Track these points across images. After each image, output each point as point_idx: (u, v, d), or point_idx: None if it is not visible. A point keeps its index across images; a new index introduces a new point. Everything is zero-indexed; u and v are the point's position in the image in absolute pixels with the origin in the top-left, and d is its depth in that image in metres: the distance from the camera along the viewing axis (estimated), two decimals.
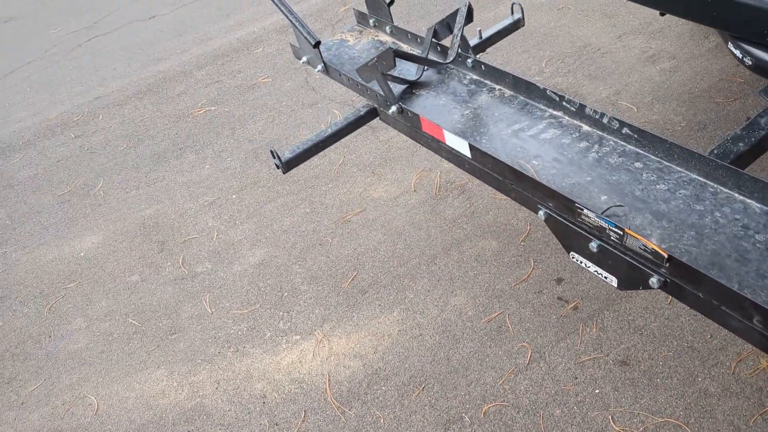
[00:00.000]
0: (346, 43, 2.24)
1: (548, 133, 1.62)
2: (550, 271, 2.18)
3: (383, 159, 2.88)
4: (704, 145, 2.45)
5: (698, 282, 1.15)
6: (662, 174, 1.42)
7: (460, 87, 1.87)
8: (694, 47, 2.98)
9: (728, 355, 1.80)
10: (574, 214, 1.34)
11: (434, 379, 1.96)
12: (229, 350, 2.24)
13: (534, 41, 3.34)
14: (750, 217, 1.27)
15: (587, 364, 1.88)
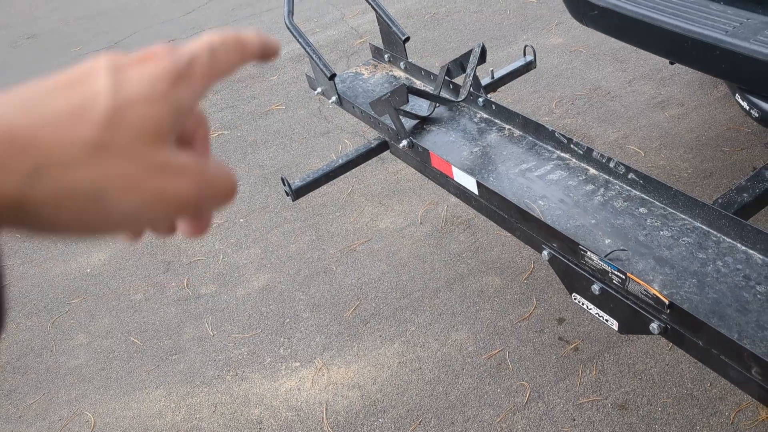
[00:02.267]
0: (361, 76, 2.28)
1: (555, 174, 1.65)
2: (552, 310, 2.18)
3: (391, 190, 2.91)
4: (710, 193, 2.47)
5: (698, 330, 1.17)
6: (666, 220, 1.44)
7: (471, 125, 1.90)
8: (702, 95, 3.02)
9: (728, 405, 1.79)
10: (578, 256, 1.36)
11: (432, 414, 1.96)
12: (228, 374, 2.24)
13: (545, 82, 3.39)
14: (752, 267, 1.29)
15: (585, 407, 1.88)
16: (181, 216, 0.38)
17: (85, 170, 0.32)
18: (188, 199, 0.36)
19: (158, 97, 0.35)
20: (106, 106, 0.33)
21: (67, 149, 0.32)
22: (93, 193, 0.32)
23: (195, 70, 0.37)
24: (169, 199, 0.35)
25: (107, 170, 0.33)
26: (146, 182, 0.34)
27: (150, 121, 0.34)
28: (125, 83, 0.34)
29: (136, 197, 0.34)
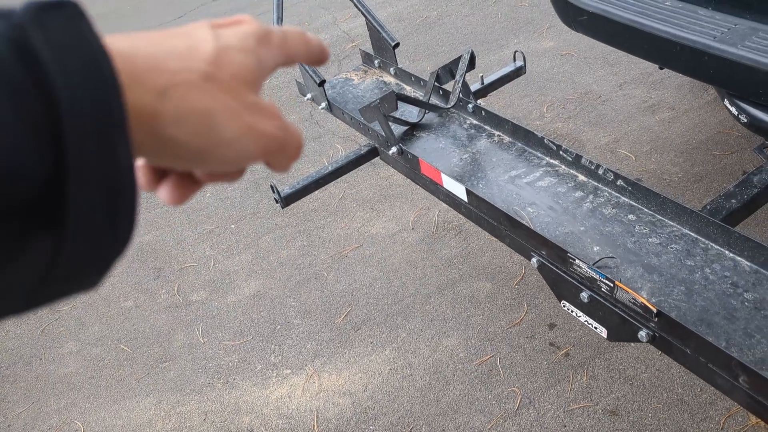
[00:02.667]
0: (351, 81, 2.28)
1: (544, 181, 1.64)
2: (543, 316, 2.18)
3: (383, 195, 2.91)
4: (700, 197, 2.47)
5: (686, 338, 1.16)
6: (655, 227, 1.44)
7: (460, 131, 1.90)
8: (693, 99, 3.03)
9: (718, 410, 1.79)
10: (567, 264, 1.36)
11: (423, 421, 1.95)
12: (219, 381, 2.23)
13: (536, 86, 3.39)
14: (739, 274, 1.29)
15: (576, 413, 1.88)
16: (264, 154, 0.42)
17: (199, 94, 0.37)
18: (273, 138, 0.41)
19: (248, 49, 0.41)
20: (212, 47, 0.39)
21: (187, 75, 0.37)
22: (205, 116, 0.37)
23: (273, 39, 0.45)
24: (259, 135, 0.40)
25: (216, 98, 0.38)
26: (243, 115, 0.39)
27: (243, 66, 0.40)
28: (222, 35, 0.41)
29: (236, 126, 0.39)
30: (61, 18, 0.31)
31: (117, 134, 0.31)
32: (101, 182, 0.31)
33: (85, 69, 0.31)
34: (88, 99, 0.30)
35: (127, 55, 0.35)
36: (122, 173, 0.32)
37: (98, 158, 0.31)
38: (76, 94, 0.30)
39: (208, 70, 0.38)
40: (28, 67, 0.29)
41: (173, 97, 0.36)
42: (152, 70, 0.36)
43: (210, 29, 0.41)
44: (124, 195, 0.32)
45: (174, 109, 0.36)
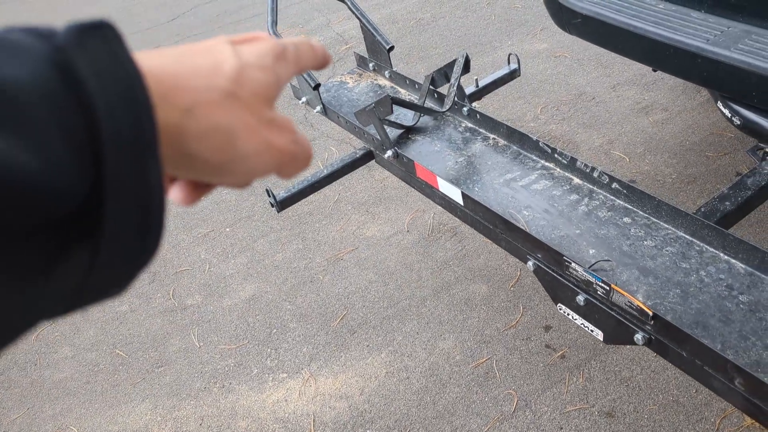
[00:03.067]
0: (346, 85, 2.28)
1: (540, 184, 1.65)
2: (539, 318, 2.19)
3: (378, 198, 2.91)
4: (694, 198, 2.49)
5: (682, 341, 1.17)
6: (650, 230, 1.44)
7: (455, 134, 1.90)
8: (686, 100, 3.04)
9: (713, 411, 1.80)
10: (562, 267, 1.36)
11: (419, 424, 1.95)
12: (215, 386, 2.23)
13: (530, 88, 3.40)
14: (734, 277, 1.29)
15: (573, 415, 1.88)
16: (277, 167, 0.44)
17: (222, 112, 0.39)
18: (287, 151, 0.44)
19: (266, 66, 0.44)
20: (233, 65, 0.41)
21: (210, 94, 0.39)
22: (226, 132, 0.39)
23: (289, 55, 0.47)
24: (274, 149, 0.43)
25: (236, 115, 0.40)
26: (261, 131, 0.42)
27: (262, 83, 0.42)
28: (242, 53, 0.43)
29: (254, 142, 0.41)
30: (99, 40, 0.33)
31: (149, 153, 0.33)
32: (134, 198, 0.33)
33: (123, 90, 0.32)
34: (125, 120, 0.32)
35: (155, 74, 0.37)
36: (152, 189, 0.33)
37: (132, 175, 0.32)
38: (115, 115, 0.31)
39: (231, 88, 0.40)
40: (71, 88, 0.31)
41: (198, 114, 0.38)
42: (178, 89, 0.38)
43: (230, 46, 0.43)
44: (154, 209, 0.34)
45: (198, 126, 0.38)
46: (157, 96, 0.36)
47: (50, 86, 0.30)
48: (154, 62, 0.38)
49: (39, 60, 0.31)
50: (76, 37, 0.32)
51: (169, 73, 0.38)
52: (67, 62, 0.31)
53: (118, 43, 0.34)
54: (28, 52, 0.31)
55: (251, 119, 0.41)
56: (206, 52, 0.41)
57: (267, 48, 0.45)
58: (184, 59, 0.40)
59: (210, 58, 0.41)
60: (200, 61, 0.40)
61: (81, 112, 0.31)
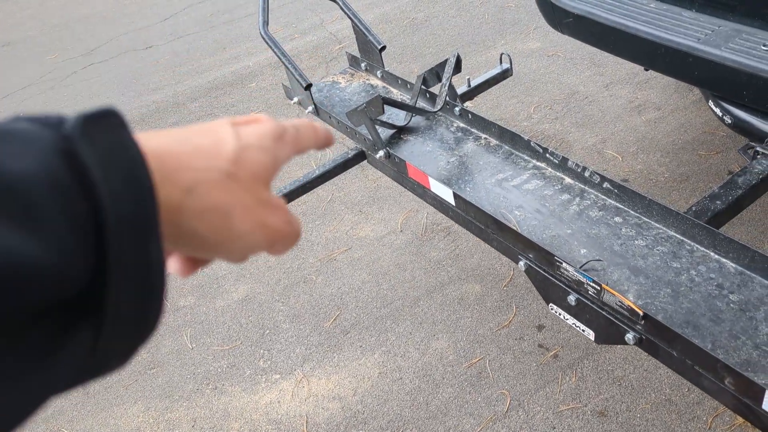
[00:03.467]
0: (338, 85, 2.27)
1: (531, 183, 1.65)
2: (532, 317, 2.18)
3: (371, 198, 2.91)
4: (686, 197, 2.49)
5: (672, 341, 1.17)
6: (641, 230, 1.44)
7: (447, 134, 1.90)
8: (678, 99, 3.05)
9: (705, 410, 1.80)
10: (554, 267, 1.36)
11: (412, 425, 1.95)
12: (207, 387, 2.22)
13: (523, 87, 3.40)
14: (725, 276, 1.29)
15: (565, 414, 1.88)
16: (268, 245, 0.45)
17: (221, 192, 0.41)
18: (279, 231, 0.44)
19: (266, 148, 0.45)
20: (234, 147, 0.43)
21: (211, 174, 0.40)
22: (224, 212, 0.41)
23: (288, 136, 0.49)
24: (268, 229, 0.44)
25: (234, 195, 0.41)
26: (256, 211, 0.43)
27: (261, 164, 0.44)
28: (243, 134, 0.44)
29: (249, 221, 0.42)
30: (104, 128, 0.35)
31: (151, 233, 0.35)
32: (136, 277, 0.34)
33: (126, 175, 0.34)
34: (128, 204, 0.34)
35: (158, 154, 0.38)
36: (154, 268, 0.35)
37: (135, 255, 0.34)
38: (118, 199, 0.33)
39: (230, 168, 0.42)
40: (77, 176, 0.33)
41: (198, 193, 0.39)
42: (180, 169, 0.39)
43: (231, 127, 0.44)
44: (155, 288, 0.35)
45: (197, 205, 0.39)
46: (160, 176, 0.37)
47: (57, 175, 0.32)
48: (158, 143, 0.39)
49: (47, 150, 0.32)
50: (82, 125, 0.34)
51: (171, 153, 0.39)
52: (73, 151, 0.33)
53: (122, 129, 0.35)
54: (36, 143, 0.33)
55: (248, 199, 0.42)
56: (208, 132, 0.43)
57: (267, 130, 0.46)
58: (187, 140, 0.41)
59: (211, 138, 0.42)
60: (202, 142, 0.42)
61: (86, 199, 0.32)
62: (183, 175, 0.39)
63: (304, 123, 0.52)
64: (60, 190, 0.31)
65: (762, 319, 1.19)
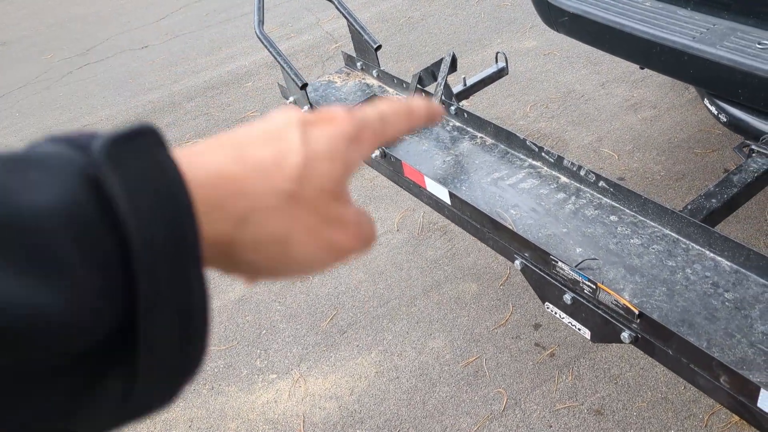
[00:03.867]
0: (334, 84, 2.27)
1: (527, 182, 1.65)
2: (529, 316, 2.19)
3: (367, 197, 2.90)
4: (682, 195, 2.49)
5: (668, 339, 1.17)
6: (636, 228, 1.44)
7: (443, 133, 1.90)
8: (674, 97, 3.05)
9: (701, 408, 1.81)
10: (549, 266, 1.36)
11: (409, 424, 1.95)
12: (204, 387, 2.22)
13: (519, 86, 3.40)
14: (720, 275, 1.30)
15: (562, 413, 1.88)
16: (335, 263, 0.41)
17: (279, 219, 0.36)
18: (349, 250, 0.40)
19: (336, 156, 0.39)
20: (298, 161, 0.37)
21: (269, 199, 0.36)
22: (282, 239, 0.37)
23: (366, 135, 0.42)
24: (335, 249, 0.39)
25: (295, 219, 0.37)
26: (321, 232, 0.38)
27: (329, 177, 0.39)
28: (311, 140, 0.39)
29: (312, 245, 0.38)
30: (136, 150, 0.31)
31: (190, 264, 0.31)
32: (173, 312, 0.31)
33: (159, 204, 0.31)
34: (161, 235, 0.30)
35: (211, 178, 0.35)
36: (194, 300, 0.32)
37: (171, 290, 0.31)
38: (148, 232, 0.30)
39: (292, 188, 0.37)
40: (102, 206, 0.30)
41: (253, 223, 0.35)
42: (235, 195, 0.35)
43: (299, 131, 0.39)
44: (196, 320, 0.32)
45: (252, 236, 0.36)
46: (208, 204, 0.34)
47: (79, 208, 0.29)
48: (211, 163, 0.35)
49: (71, 177, 0.30)
50: (113, 147, 0.31)
51: (226, 176, 0.35)
52: (100, 178, 0.30)
53: (159, 149, 0.32)
54: (61, 170, 0.30)
55: (312, 220, 0.38)
56: (272, 138, 0.38)
57: (340, 132, 0.40)
58: (246, 153, 0.37)
59: (274, 148, 0.37)
60: (263, 155, 0.37)
61: (112, 232, 0.29)
62: (236, 203, 0.35)
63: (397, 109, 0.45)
64: (82, 226, 0.29)
65: (757, 317, 1.19)
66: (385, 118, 0.44)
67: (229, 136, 0.38)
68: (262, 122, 0.40)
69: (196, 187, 0.33)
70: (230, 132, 0.39)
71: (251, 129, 0.39)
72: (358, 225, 0.41)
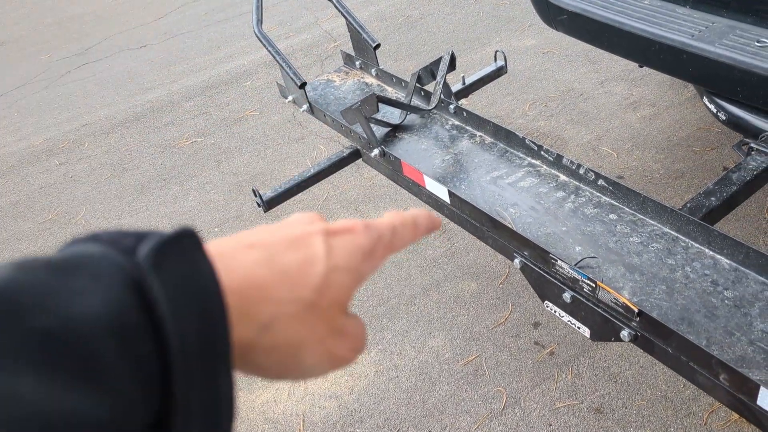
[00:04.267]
0: (332, 83, 2.27)
1: (526, 181, 1.65)
2: (528, 315, 2.19)
3: (367, 196, 2.90)
4: (681, 193, 2.49)
5: (667, 337, 1.17)
6: (636, 227, 1.44)
7: (442, 132, 1.90)
8: (673, 96, 3.05)
9: (701, 406, 1.81)
10: (549, 265, 1.36)
11: (409, 423, 1.95)
12: None
13: (518, 84, 3.40)
14: (719, 272, 1.30)
15: (562, 411, 1.88)
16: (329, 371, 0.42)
17: (297, 326, 0.38)
18: (343, 360, 0.41)
19: (353, 268, 0.41)
20: (322, 270, 0.39)
21: (292, 307, 0.37)
22: (296, 346, 0.38)
23: (380, 248, 0.44)
24: (335, 359, 0.41)
25: (310, 328, 0.38)
26: (327, 342, 0.40)
27: (344, 289, 0.40)
28: (334, 251, 0.40)
29: (317, 353, 0.39)
30: (178, 255, 0.33)
31: (221, 369, 0.33)
32: (203, 410, 0.32)
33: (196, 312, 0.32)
34: (199, 341, 0.32)
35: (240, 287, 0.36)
36: (222, 404, 0.33)
37: (201, 392, 0.32)
38: (187, 336, 0.31)
39: (313, 298, 0.38)
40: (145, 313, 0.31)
41: (274, 329, 0.37)
42: (261, 302, 0.37)
43: (323, 240, 0.41)
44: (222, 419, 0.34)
45: (270, 341, 0.37)
46: (238, 312, 0.35)
47: (123, 315, 0.30)
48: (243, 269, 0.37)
49: (116, 284, 0.31)
50: (155, 251, 0.32)
51: (255, 283, 0.37)
52: (143, 283, 0.31)
53: (198, 253, 0.34)
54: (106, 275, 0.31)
55: (322, 330, 0.39)
56: (299, 244, 0.40)
57: (359, 246, 0.42)
58: (275, 258, 0.38)
59: (301, 255, 0.39)
60: (291, 261, 0.39)
61: (153, 337, 0.31)
62: (263, 309, 0.37)
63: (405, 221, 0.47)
64: (125, 333, 0.30)
65: (756, 315, 1.19)
66: (397, 231, 0.46)
67: (258, 236, 0.40)
68: (287, 225, 0.42)
69: (230, 294, 0.35)
70: (258, 230, 0.41)
71: (278, 230, 0.41)
72: (357, 337, 0.42)
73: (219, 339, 0.33)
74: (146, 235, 0.33)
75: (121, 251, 0.33)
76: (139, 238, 0.33)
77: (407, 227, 0.47)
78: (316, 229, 0.41)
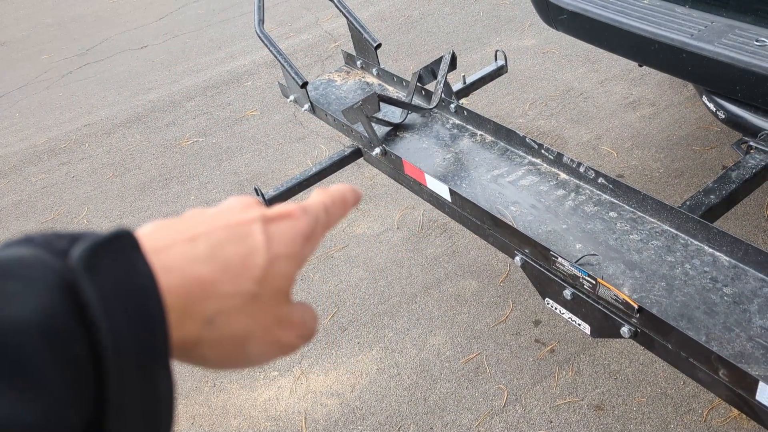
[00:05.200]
0: (334, 83, 2.28)
1: (527, 179, 1.66)
2: (528, 312, 2.20)
3: (367, 195, 2.91)
4: (681, 192, 2.50)
5: (667, 333, 1.18)
6: (635, 224, 1.45)
7: (443, 131, 1.91)
8: (673, 95, 3.06)
9: (701, 403, 1.82)
10: (549, 262, 1.37)
11: (410, 420, 1.96)
12: (206, 385, 2.23)
13: (518, 84, 3.41)
14: (718, 269, 1.31)
15: (562, 408, 1.90)
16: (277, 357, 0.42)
17: (241, 318, 0.38)
18: (291, 346, 0.42)
19: (294, 254, 0.41)
20: (263, 262, 0.39)
21: (235, 300, 0.37)
22: (241, 338, 0.38)
23: (318, 229, 0.44)
24: (281, 347, 0.41)
25: (255, 319, 0.38)
26: (272, 331, 0.40)
27: (286, 277, 0.40)
28: (274, 240, 0.40)
29: (263, 342, 0.40)
30: (113, 256, 0.33)
31: (159, 367, 0.33)
32: (140, 414, 0.32)
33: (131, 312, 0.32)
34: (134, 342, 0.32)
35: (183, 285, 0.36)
36: (161, 399, 0.33)
37: (139, 394, 0.32)
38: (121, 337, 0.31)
39: (256, 290, 0.38)
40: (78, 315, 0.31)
41: (218, 323, 0.37)
42: (204, 298, 0.36)
43: (262, 228, 0.40)
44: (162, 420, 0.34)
45: (215, 335, 0.37)
46: (180, 310, 0.35)
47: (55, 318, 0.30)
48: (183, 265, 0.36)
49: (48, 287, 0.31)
50: (88, 252, 0.32)
51: (197, 280, 0.36)
52: (75, 286, 0.31)
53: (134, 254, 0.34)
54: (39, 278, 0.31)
55: (267, 320, 0.39)
56: (239, 236, 0.39)
57: (298, 231, 0.42)
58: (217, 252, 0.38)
59: (242, 248, 0.39)
60: (231, 253, 0.38)
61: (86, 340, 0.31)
62: (206, 305, 0.36)
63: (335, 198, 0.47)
64: (56, 336, 0.29)
65: (755, 311, 1.20)
66: (329, 210, 0.46)
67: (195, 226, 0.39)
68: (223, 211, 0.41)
69: (169, 292, 0.34)
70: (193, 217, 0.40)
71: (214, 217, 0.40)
72: (303, 324, 0.43)
73: (157, 339, 0.33)
74: (80, 237, 0.33)
75: (54, 253, 0.32)
76: (73, 239, 0.33)
77: (337, 204, 0.47)
78: (253, 216, 0.41)
